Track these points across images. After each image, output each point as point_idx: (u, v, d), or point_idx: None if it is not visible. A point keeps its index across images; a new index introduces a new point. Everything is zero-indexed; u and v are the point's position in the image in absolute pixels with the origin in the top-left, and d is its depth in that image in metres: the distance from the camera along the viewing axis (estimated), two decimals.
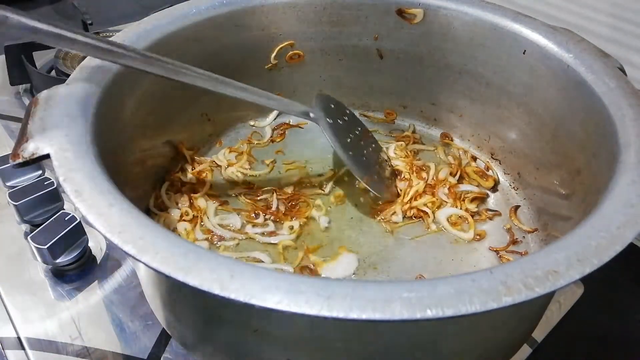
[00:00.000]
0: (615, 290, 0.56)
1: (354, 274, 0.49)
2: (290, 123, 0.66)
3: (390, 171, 0.58)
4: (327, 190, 0.57)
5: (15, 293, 0.51)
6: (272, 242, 0.51)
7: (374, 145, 0.59)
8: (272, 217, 0.53)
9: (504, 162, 0.60)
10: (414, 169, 0.58)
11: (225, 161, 0.60)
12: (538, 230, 0.53)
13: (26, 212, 0.55)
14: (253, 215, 0.54)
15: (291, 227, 0.53)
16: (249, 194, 0.56)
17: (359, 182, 0.56)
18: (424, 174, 0.58)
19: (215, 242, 0.51)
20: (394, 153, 0.61)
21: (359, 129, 0.59)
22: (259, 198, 0.56)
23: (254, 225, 0.53)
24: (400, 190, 0.57)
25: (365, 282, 0.28)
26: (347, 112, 0.60)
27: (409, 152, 0.61)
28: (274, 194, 0.55)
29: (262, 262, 0.50)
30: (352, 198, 0.56)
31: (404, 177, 0.58)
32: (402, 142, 0.62)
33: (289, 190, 0.57)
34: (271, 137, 0.64)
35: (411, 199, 0.55)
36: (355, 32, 0.61)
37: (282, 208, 0.55)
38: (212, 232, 0.52)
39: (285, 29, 0.60)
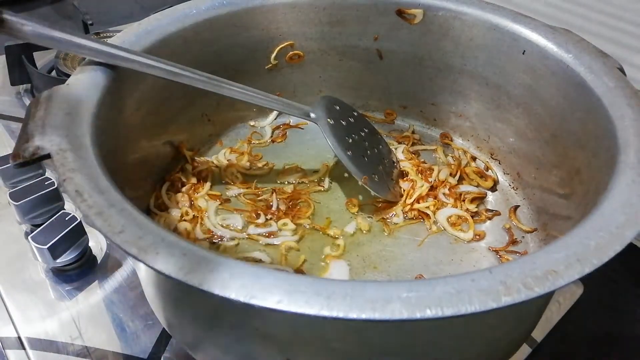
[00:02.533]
0: (615, 290, 0.56)
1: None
2: (291, 123, 0.66)
3: (397, 173, 0.58)
4: (326, 186, 0.57)
5: (16, 293, 0.51)
6: (274, 243, 0.51)
7: (381, 146, 0.59)
8: (273, 217, 0.54)
9: (504, 162, 0.60)
10: (420, 169, 0.59)
11: (225, 161, 0.60)
12: (537, 230, 0.53)
13: (27, 212, 0.55)
14: (254, 215, 0.54)
15: (285, 224, 0.53)
16: (249, 194, 0.56)
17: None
18: (429, 177, 0.58)
19: (215, 241, 0.51)
20: (402, 155, 0.61)
21: (366, 130, 0.59)
22: (259, 198, 0.56)
23: (256, 226, 0.53)
24: (404, 190, 0.57)
25: (364, 282, 0.28)
26: (355, 114, 0.60)
27: (412, 154, 0.61)
28: (274, 194, 0.56)
29: (262, 262, 0.50)
30: (353, 197, 0.56)
31: (409, 178, 0.58)
32: (408, 144, 0.63)
33: (289, 189, 0.57)
34: (272, 137, 0.64)
35: (414, 201, 0.55)
36: (355, 32, 0.61)
37: (282, 207, 0.55)
38: (213, 232, 0.52)
39: (285, 30, 0.60)
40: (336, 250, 0.51)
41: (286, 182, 0.58)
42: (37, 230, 0.51)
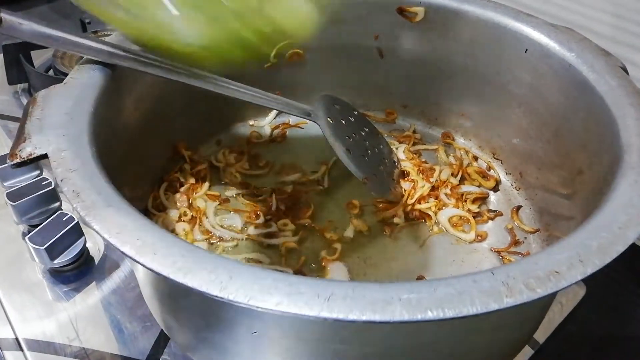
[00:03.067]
0: (618, 291, 0.56)
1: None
2: (290, 123, 0.65)
3: (398, 173, 0.58)
4: (325, 184, 0.57)
5: (13, 294, 0.51)
6: (274, 243, 0.51)
7: (381, 146, 0.59)
8: (273, 218, 0.53)
9: (506, 162, 0.59)
10: (421, 169, 0.58)
11: (224, 161, 0.59)
12: (540, 230, 0.53)
13: (24, 212, 0.55)
14: (254, 215, 0.53)
15: (285, 224, 0.52)
16: (248, 194, 0.56)
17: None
18: (430, 177, 0.57)
19: (213, 242, 0.51)
20: (403, 154, 0.60)
21: (366, 129, 0.59)
22: (258, 199, 0.56)
23: (256, 227, 0.52)
24: (405, 190, 0.56)
25: (365, 283, 0.28)
26: (355, 113, 0.60)
27: (413, 154, 0.61)
28: (273, 195, 0.55)
29: (261, 263, 0.49)
30: (353, 197, 0.56)
31: (410, 178, 0.58)
32: (409, 144, 0.62)
33: (288, 189, 0.56)
34: (271, 136, 0.64)
35: (415, 202, 0.55)
36: (356, 31, 0.61)
37: (282, 207, 0.54)
38: (211, 232, 0.52)
39: None
40: (332, 254, 0.50)
41: (286, 182, 0.58)
42: (35, 230, 0.51)
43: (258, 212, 0.53)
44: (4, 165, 0.59)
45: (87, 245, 0.54)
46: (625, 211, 0.33)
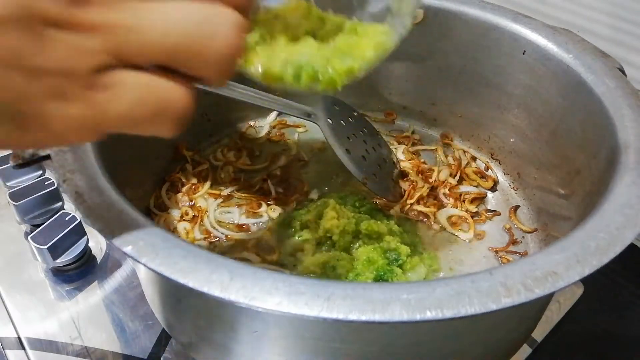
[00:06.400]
0: (615, 291, 0.56)
1: None
2: (288, 123, 0.65)
3: (397, 173, 0.58)
4: (306, 158, 0.60)
5: (16, 293, 0.51)
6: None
7: (381, 147, 0.59)
8: (275, 202, 0.54)
9: (504, 162, 0.60)
10: (420, 170, 0.58)
11: (223, 159, 0.60)
12: (538, 230, 0.53)
13: (26, 212, 0.55)
14: (255, 206, 0.54)
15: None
16: (243, 187, 0.56)
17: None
18: (429, 177, 0.58)
19: (213, 241, 0.51)
20: (402, 155, 0.61)
21: (366, 130, 0.59)
22: (254, 189, 0.56)
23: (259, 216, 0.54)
24: (404, 191, 0.57)
25: (364, 283, 0.28)
26: (354, 114, 0.60)
27: (412, 154, 0.61)
28: (268, 181, 0.56)
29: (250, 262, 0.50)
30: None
31: (410, 178, 0.58)
32: (408, 144, 0.63)
33: (277, 172, 0.58)
34: (270, 137, 0.64)
35: (414, 202, 0.55)
36: None
37: (280, 190, 0.56)
38: (211, 232, 0.52)
39: None
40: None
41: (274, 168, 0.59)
42: (37, 230, 0.51)
43: (260, 202, 0.54)
44: (7, 166, 0.59)
45: (90, 244, 0.54)
46: (623, 212, 0.33)
